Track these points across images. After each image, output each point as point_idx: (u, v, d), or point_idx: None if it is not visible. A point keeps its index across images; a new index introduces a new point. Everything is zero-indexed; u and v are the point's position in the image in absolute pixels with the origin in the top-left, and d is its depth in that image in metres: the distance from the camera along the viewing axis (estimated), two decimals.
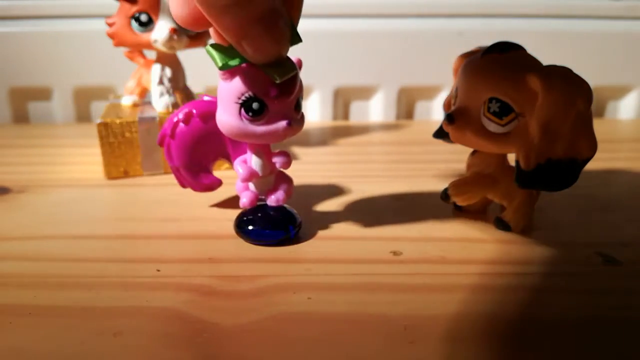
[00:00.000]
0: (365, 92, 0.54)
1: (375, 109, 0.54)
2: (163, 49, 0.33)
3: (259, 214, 0.25)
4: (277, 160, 0.25)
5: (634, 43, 0.52)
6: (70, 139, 0.33)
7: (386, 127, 0.51)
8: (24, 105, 0.51)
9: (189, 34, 0.34)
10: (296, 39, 0.21)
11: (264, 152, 0.25)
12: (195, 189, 0.28)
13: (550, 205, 0.28)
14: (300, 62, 0.24)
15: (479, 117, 0.23)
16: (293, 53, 0.21)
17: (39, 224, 0.27)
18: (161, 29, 0.32)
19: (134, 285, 0.21)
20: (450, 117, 0.24)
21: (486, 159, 0.27)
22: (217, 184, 0.28)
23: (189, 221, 0.28)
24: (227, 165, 0.36)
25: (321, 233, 0.26)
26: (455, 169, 0.36)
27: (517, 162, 0.23)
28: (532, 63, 0.23)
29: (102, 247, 0.25)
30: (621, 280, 0.22)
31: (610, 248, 0.25)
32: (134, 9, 0.32)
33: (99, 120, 0.33)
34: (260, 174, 0.25)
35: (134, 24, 0.33)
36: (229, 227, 0.26)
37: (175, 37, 0.32)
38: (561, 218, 0.28)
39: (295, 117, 0.23)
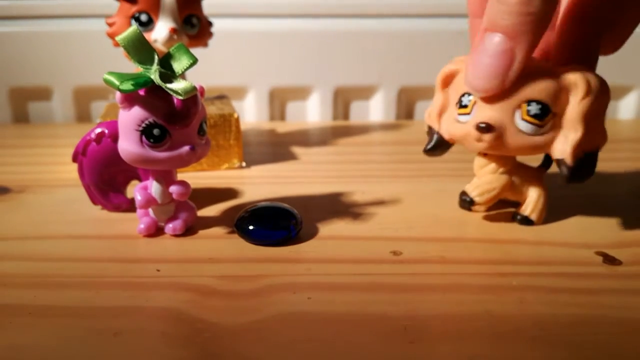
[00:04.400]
0: (365, 92, 0.54)
1: (375, 109, 0.54)
2: (163, 48, 0.33)
3: (259, 214, 0.25)
4: (173, 190, 0.25)
5: (634, 43, 0.52)
6: (70, 139, 0.33)
7: (386, 127, 0.51)
8: (24, 105, 0.51)
9: (189, 33, 0.34)
10: None
11: (165, 179, 0.25)
12: (105, 207, 0.28)
13: (551, 205, 0.28)
14: (202, 90, 0.24)
15: (513, 121, 0.23)
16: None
17: (39, 224, 0.27)
18: (161, 29, 0.32)
19: (134, 285, 0.21)
20: (486, 127, 0.23)
21: (498, 159, 0.26)
22: (125, 204, 0.28)
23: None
24: (227, 165, 0.37)
25: (321, 233, 0.26)
26: (456, 169, 0.36)
27: (559, 161, 0.23)
28: (552, 64, 0.24)
29: (102, 247, 0.25)
30: (621, 280, 0.22)
31: (610, 248, 0.25)
32: (134, 9, 0.32)
33: (99, 120, 0.33)
34: (158, 201, 0.25)
35: (134, 24, 0.33)
36: (229, 227, 0.26)
37: (175, 36, 0.32)
38: (561, 218, 0.28)
39: (199, 142, 0.23)
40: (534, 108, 0.23)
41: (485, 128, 0.23)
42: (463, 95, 0.24)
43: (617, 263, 0.23)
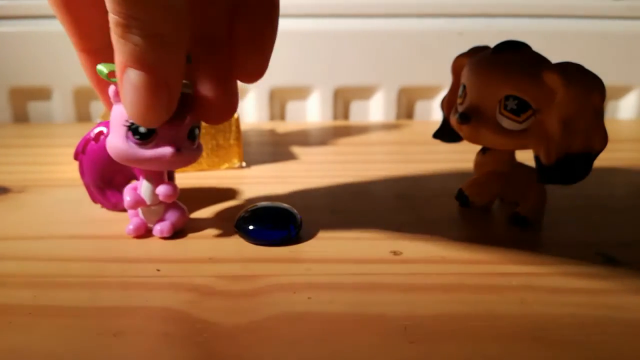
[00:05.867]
0: (365, 92, 0.54)
1: (375, 109, 0.54)
2: None
3: (259, 214, 0.25)
4: (160, 192, 0.24)
5: (634, 43, 0.52)
6: (70, 138, 0.33)
7: (386, 127, 0.51)
8: (24, 105, 0.51)
9: None
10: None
11: (155, 180, 0.24)
12: (104, 205, 0.28)
13: (551, 205, 0.28)
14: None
15: (494, 114, 0.24)
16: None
17: (39, 224, 0.27)
18: None
19: (134, 285, 0.21)
20: (464, 117, 0.24)
21: (497, 157, 0.27)
22: (122, 203, 0.28)
23: (188, 221, 0.27)
24: (227, 165, 0.37)
25: (321, 233, 0.26)
26: (456, 169, 0.36)
27: (536, 158, 0.24)
28: (544, 60, 0.24)
29: (102, 247, 0.25)
30: (621, 280, 0.22)
31: (610, 248, 0.25)
32: None
33: (99, 120, 0.33)
34: (147, 202, 0.25)
35: None
36: (229, 227, 0.26)
37: None
38: (561, 218, 0.28)
39: (188, 145, 0.23)
40: (511, 103, 0.23)
41: (463, 119, 0.24)
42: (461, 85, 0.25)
43: (617, 263, 0.23)
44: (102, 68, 0.21)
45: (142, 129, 0.22)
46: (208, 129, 0.35)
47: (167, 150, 0.22)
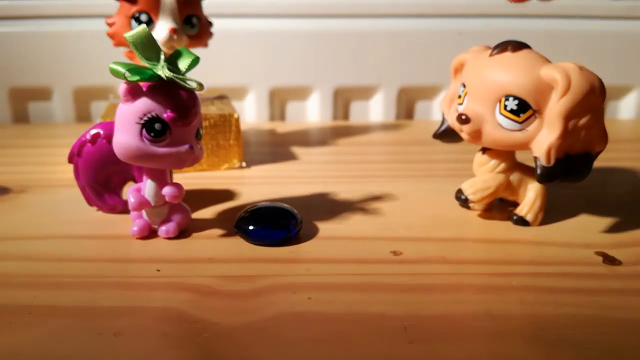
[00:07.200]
0: (365, 92, 0.54)
1: (375, 109, 0.54)
2: (163, 48, 0.33)
3: (259, 214, 0.25)
4: (166, 192, 0.24)
5: (634, 43, 0.52)
6: (70, 139, 0.33)
7: (386, 127, 0.51)
8: (24, 105, 0.51)
9: (189, 33, 0.34)
10: None
11: (158, 181, 0.24)
12: (100, 208, 0.28)
13: (551, 205, 0.28)
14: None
15: (494, 115, 0.24)
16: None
17: (39, 224, 0.27)
18: (161, 29, 0.32)
19: (134, 285, 0.21)
20: (464, 118, 0.24)
21: (497, 158, 0.27)
22: (120, 205, 0.28)
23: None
24: (227, 165, 0.37)
25: (321, 233, 0.26)
26: (456, 169, 0.36)
27: (535, 158, 0.24)
28: (543, 60, 0.24)
29: (103, 247, 0.25)
30: (621, 280, 0.22)
31: (610, 248, 0.25)
32: (134, 9, 0.32)
33: (99, 120, 0.33)
34: (152, 203, 0.25)
35: (134, 24, 0.33)
36: (229, 227, 0.26)
37: (175, 37, 0.32)
38: (561, 218, 0.28)
39: (196, 143, 0.23)
40: (511, 103, 0.23)
41: (463, 119, 0.24)
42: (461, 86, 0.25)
43: (617, 263, 0.23)
44: (119, 69, 0.21)
45: (156, 126, 0.22)
46: (208, 129, 0.35)
47: (182, 148, 0.23)
